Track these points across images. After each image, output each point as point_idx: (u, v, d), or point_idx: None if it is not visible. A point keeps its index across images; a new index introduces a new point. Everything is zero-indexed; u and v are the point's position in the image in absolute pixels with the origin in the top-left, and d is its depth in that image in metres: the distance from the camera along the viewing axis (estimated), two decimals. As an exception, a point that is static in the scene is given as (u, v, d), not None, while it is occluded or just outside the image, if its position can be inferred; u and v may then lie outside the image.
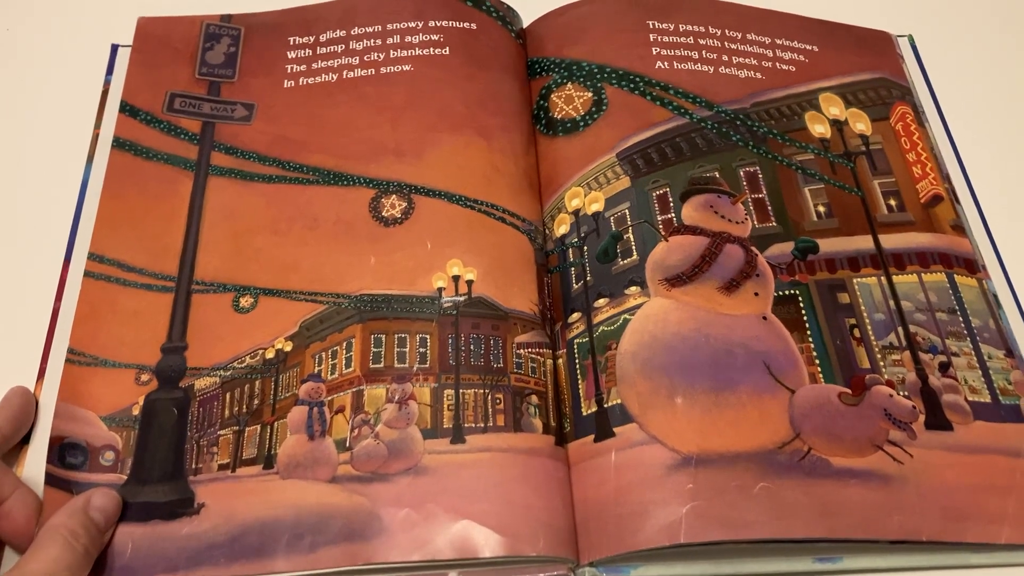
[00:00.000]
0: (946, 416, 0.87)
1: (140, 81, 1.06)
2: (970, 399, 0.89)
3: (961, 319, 0.94)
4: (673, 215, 0.97)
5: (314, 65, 1.09)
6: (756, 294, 0.91)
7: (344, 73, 1.08)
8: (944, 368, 0.90)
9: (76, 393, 0.87)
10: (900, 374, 0.89)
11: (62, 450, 0.84)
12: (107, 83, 1.08)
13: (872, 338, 0.91)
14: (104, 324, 0.91)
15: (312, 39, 1.11)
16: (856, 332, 0.92)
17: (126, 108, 1.03)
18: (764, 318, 0.91)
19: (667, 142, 1.01)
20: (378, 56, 1.09)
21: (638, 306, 0.91)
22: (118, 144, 1.01)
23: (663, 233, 0.95)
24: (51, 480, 0.82)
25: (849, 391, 0.87)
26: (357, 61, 1.09)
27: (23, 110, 1.10)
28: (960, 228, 1.00)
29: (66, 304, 0.93)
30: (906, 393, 0.88)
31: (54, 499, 0.81)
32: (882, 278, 0.95)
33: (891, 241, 0.97)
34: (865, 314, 0.93)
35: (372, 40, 1.10)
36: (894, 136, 1.06)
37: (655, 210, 0.97)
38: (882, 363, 0.90)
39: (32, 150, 1.06)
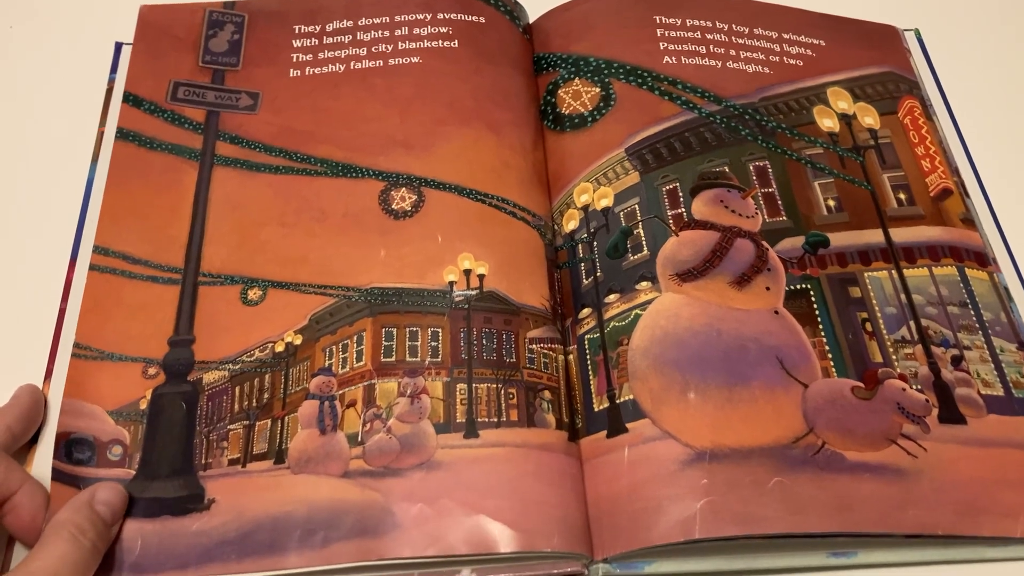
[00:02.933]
0: (959, 410, 0.88)
1: (143, 71, 1.06)
2: (983, 392, 0.89)
3: (973, 312, 0.94)
4: (683, 210, 0.96)
5: (320, 55, 1.08)
6: (768, 288, 0.91)
7: (351, 64, 1.08)
8: (956, 362, 0.90)
9: (82, 388, 0.87)
10: (913, 368, 0.90)
11: (69, 446, 0.84)
12: (111, 81, 1.07)
13: (884, 332, 0.91)
14: (110, 317, 0.91)
15: (318, 29, 1.11)
16: (868, 326, 0.92)
17: (129, 98, 1.03)
18: (776, 312, 0.91)
19: (676, 137, 1.01)
20: (386, 48, 1.08)
21: (649, 301, 0.91)
22: (122, 135, 1.00)
23: (673, 228, 0.95)
24: (58, 476, 0.82)
25: (862, 385, 0.87)
26: (364, 52, 1.08)
27: (27, 109, 1.09)
28: (970, 221, 1.00)
29: (72, 303, 0.92)
30: (919, 387, 0.88)
31: (61, 495, 0.80)
32: (893, 272, 0.95)
33: (901, 235, 0.97)
34: (877, 308, 0.93)
35: (380, 31, 1.10)
36: (902, 130, 1.06)
37: (665, 205, 0.97)
38: (894, 357, 0.90)
39: (37, 150, 1.06)
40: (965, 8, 1.24)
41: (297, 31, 1.10)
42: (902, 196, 1.00)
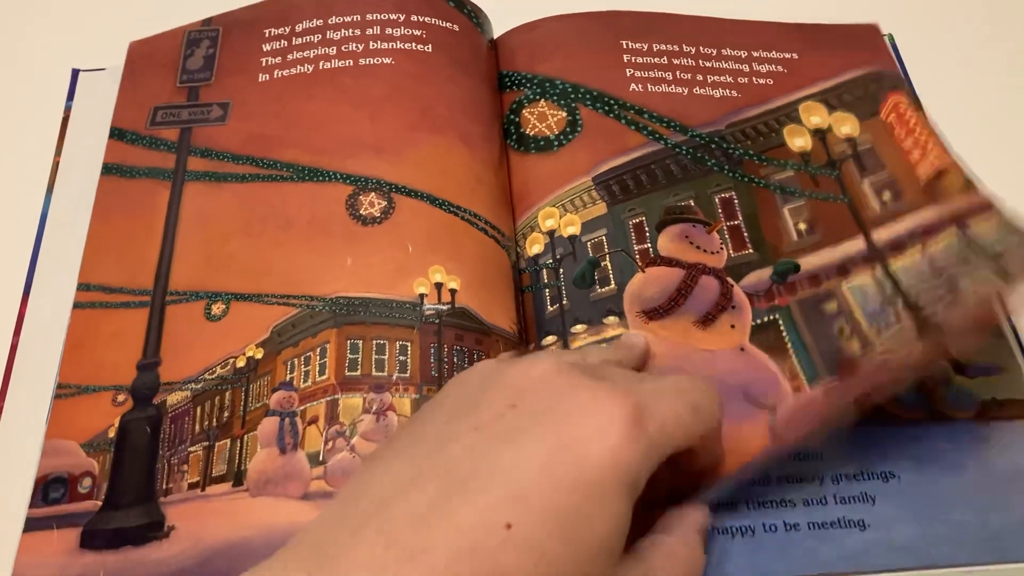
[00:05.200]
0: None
1: (128, 103, 1.05)
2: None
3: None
4: (649, 245, 0.95)
5: (289, 56, 1.07)
6: (732, 327, 0.90)
7: (320, 64, 1.06)
8: None
9: (62, 427, 0.86)
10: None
11: (46, 488, 0.83)
12: (67, 109, 1.06)
13: (866, 326, 0.88)
14: (88, 351, 0.89)
15: (287, 30, 1.09)
16: (846, 332, 0.89)
17: (115, 133, 1.02)
18: (742, 350, 0.89)
19: (642, 169, 0.99)
20: (357, 47, 1.06)
21: (616, 337, 0.89)
22: (106, 170, 1.00)
23: (640, 264, 0.94)
24: (32, 525, 0.81)
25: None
26: (334, 52, 1.06)
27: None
28: (972, 186, 0.95)
29: (25, 339, 0.91)
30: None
31: (32, 545, 0.79)
32: (877, 272, 0.92)
33: (887, 232, 0.94)
34: (859, 311, 0.90)
35: (350, 30, 1.08)
36: (886, 130, 1.03)
37: (632, 239, 0.95)
38: (877, 340, 0.87)
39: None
40: (940, 12, 1.22)
41: (267, 34, 1.09)
42: (886, 197, 0.97)
